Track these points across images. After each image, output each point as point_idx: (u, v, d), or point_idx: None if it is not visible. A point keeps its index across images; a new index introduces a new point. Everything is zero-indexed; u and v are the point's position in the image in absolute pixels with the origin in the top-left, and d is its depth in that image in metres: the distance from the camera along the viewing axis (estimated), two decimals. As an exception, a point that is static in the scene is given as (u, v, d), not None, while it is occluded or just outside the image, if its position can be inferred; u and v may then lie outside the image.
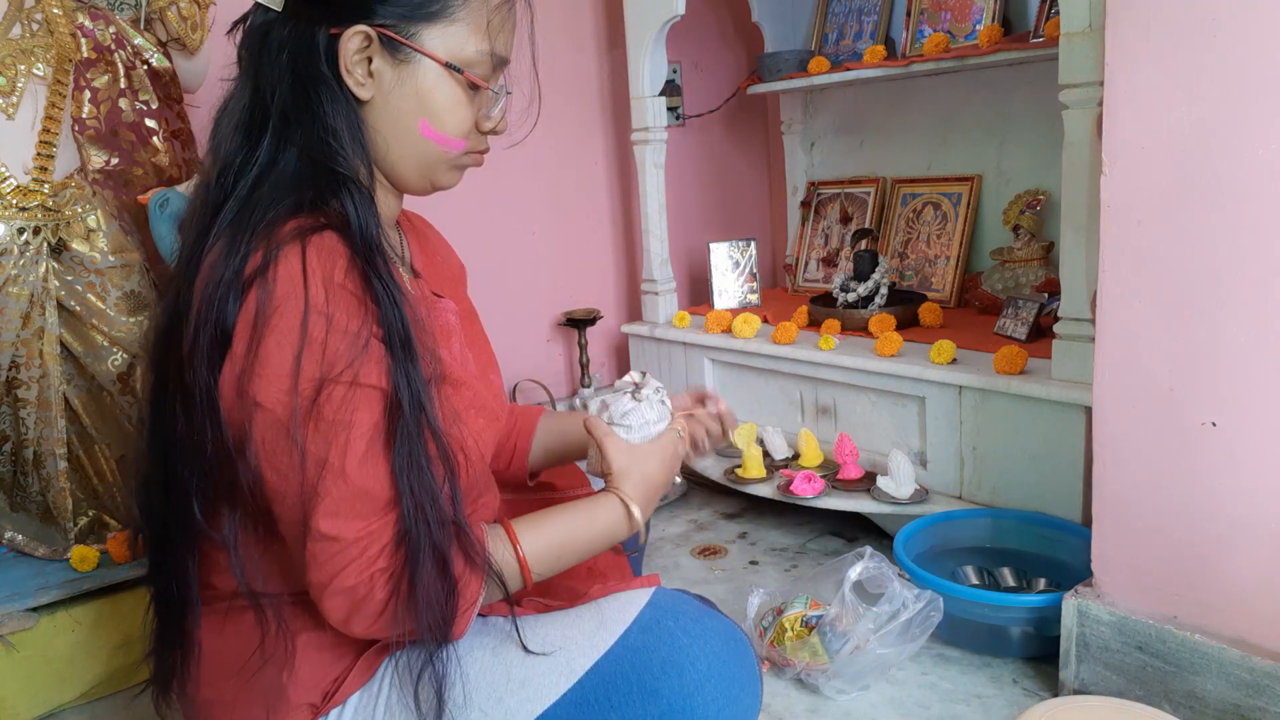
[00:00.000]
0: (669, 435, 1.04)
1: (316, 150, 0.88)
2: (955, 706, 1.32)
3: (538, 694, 0.86)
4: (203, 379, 0.82)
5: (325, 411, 0.80)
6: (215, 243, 0.86)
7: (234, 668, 0.91)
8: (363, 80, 0.90)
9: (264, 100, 0.89)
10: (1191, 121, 1.09)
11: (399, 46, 0.90)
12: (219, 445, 0.83)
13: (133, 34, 1.62)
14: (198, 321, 0.82)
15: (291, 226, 0.84)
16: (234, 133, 0.90)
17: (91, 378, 1.52)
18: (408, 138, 0.93)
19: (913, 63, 2.06)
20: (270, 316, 0.80)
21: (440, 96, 0.92)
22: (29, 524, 1.56)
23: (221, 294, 0.81)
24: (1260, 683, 1.11)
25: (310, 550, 0.81)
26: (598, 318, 2.47)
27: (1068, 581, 1.36)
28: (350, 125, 0.90)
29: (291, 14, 0.90)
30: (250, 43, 0.92)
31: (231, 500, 0.86)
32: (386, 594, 0.82)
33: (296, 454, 0.80)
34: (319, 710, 0.89)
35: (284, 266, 0.81)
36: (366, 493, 0.81)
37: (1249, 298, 1.08)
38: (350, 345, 0.81)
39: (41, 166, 1.49)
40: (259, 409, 0.80)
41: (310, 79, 0.89)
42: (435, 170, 0.97)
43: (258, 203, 0.86)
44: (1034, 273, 2.00)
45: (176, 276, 0.90)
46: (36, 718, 1.43)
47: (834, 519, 1.94)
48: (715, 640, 0.89)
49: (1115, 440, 1.22)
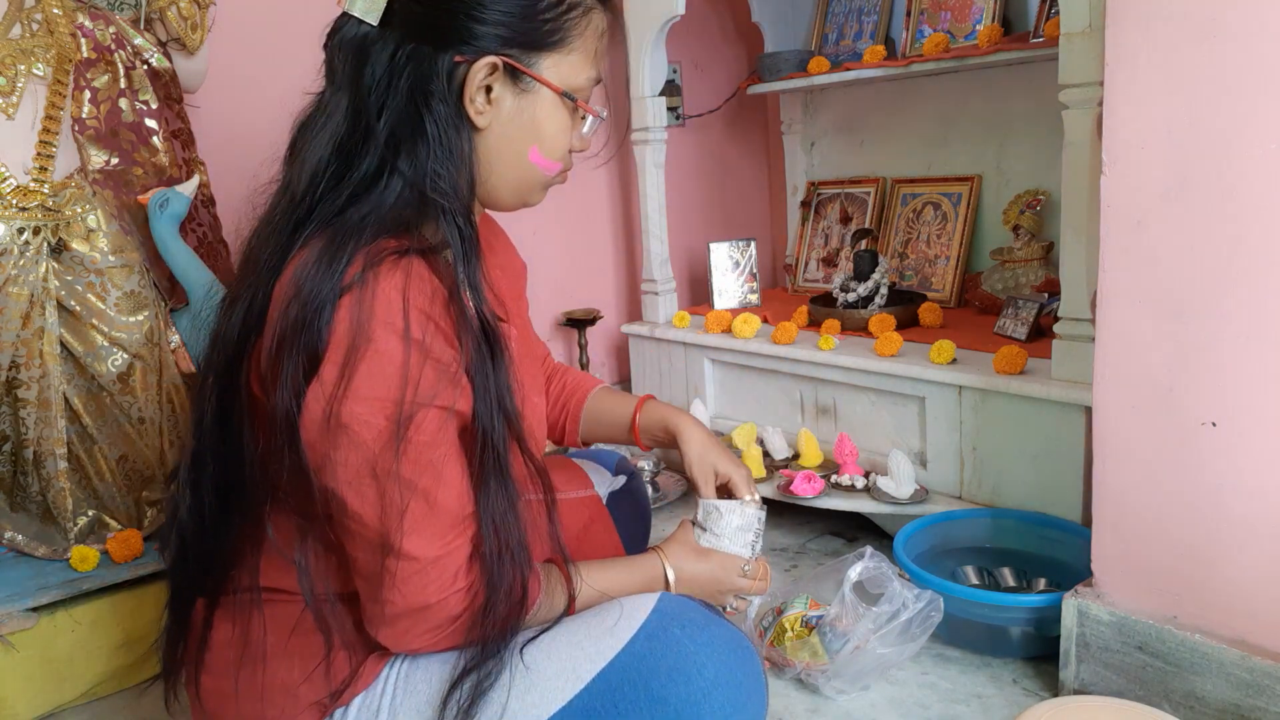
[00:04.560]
0: (734, 561, 1.07)
1: (425, 174, 0.87)
2: (955, 706, 1.32)
3: (543, 700, 0.87)
4: (285, 403, 0.81)
5: (415, 438, 0.81)
6: (298, 254, 0.85)
7: (247, 660, 0.91)
8: (483, 109, 0.90)
9: (367, 118, 0.88)
10: (1191, 121, 1.09)
11: (520, 76, 0.91)
12: (295, 465, 0.83)
13: (133, 34, 1.62)
14: (281, 342, 0.81)
15: (392, 247, 0.83)
16: (325, 146, 0.89)
17: (91, 378, 1.52)
18: (515, 163, 0.95)
19: (913, 63, 2.06)
20: (366, 342, 0.80)
21: (553, 124, 0.94)
22: (29, 524, 1.56)
23: (311, 314, 0.80)
24: (1260, 683, 1.11)
25: (389, 567, 0.82)
26: (598, 318, 2.47)
27: (1068, 581, 1.36)
28: (464, 151, 0.90)
29: (408, 36, 0.88)
30: (348, 56, 0.90)
31: (304, 514, 0.87)
32: (460, 610, 0.85)
33: (383, 478, 0.81)
34: (326, 710, 0.90)
35: (382, 290, 0.81)
36: (450, 514, 0.84)
37: (1249, 298, 1.08)
38: (440, 374, 0.82)
39: (41, 166, 1.49)
40: (346, 432, 0.81)
41: (429, 104, 0.88)
42: (532, 192, 0.99)
43: (353, 219, 0.85)
44: (1034, 273, 2.00)
45: (250, 285, 0.89)
46: (36, 718, 1.43)
47: (834, 519, 1.94)
48: (722, 647, 0.89)
49: (1115, 440, 1.22)
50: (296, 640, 0.91)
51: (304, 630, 0.90)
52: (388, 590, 0.83)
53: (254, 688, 0.91)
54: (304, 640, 0.90)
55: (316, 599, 0.88)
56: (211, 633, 0.94)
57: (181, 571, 0.96)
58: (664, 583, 1.02)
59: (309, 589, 0.87)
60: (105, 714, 1.45)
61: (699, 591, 1.05)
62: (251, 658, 0.91)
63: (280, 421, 0.82)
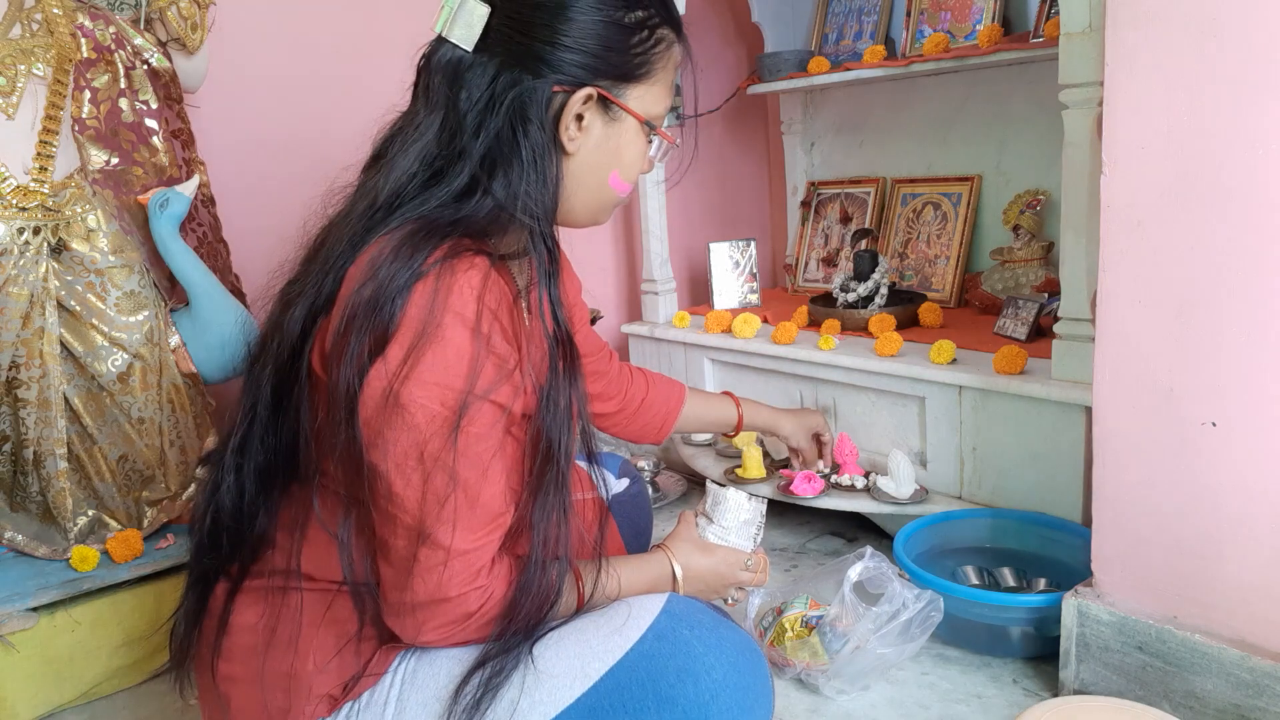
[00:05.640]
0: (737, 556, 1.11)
1: (517, 195, 0.91)
2: (955, 706, 1.32)
3: (551, 697, 0.87)
4: (348, 378, 0.83)
5: (469, 429, 0.84)
6: (374, 244, 0.87)
7: (274, 646, 0.92)
8: (575, 135, 0.94)
9: (462, 137, 0.91)
10: (1191, 121, 1.09)
11: (611, 106, 0.95)
12: (349, 440, 0.85)
13: (133, 34, 1.62)
14: (351, 320, 0.83)
15: (471, 246, 0.87)
16: (414, 161, 0.92)
17: (91, 378, 1.52)
18: (597, 186, 0.99)
19: (913, 63, 2.06)
20: (436, 328, 0.82)
21: (633, 150, 0.98)
22: (29, 524, 1.56)
23: (385, 297, 0.82)
24: (1260, 683, 1.11)
25: (420, 555, 0.84)
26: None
27: (1068, 581, 1.36)
28: (553, 175, 0.93)
29: (506, 63, 0.91)
30: (443, 78, 0.93)
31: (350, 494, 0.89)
32: (475, 608, 0.87)
33: (429, 464, 0.83)
34: (336, 702, 0.91)
35: (458, 283, 0.83)
36: (488, 511, 0.86)
37: (1249, 298, 1.08)
38: (500, 371, 0.85)
39: (41, 166, 1.49)
40: (403, 413, 0.82)
41: (527, 129, 0.91)
42: (604, 212, 1.03)
43: (440, 220, 0.88)
44: (1034, 273, 2.00)
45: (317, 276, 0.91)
46: (37, 718, 1.43)
47: (834, 519, 1.94)
48: (731, 649, 0.90)
49: (1115, 440, 1.22)
50: (324, 631, 0.92)
51: (330, 620, 0.92)
52: (413, 578, 0.85)
53: (274, 675, 0.91)
54: (329, 631, 0.92)
55: (356, 579, 0.89)
56: (233, 617, 0.95)
57: (210, 554, 0.97)
58: (671, 579, 1.04)
59: (349, 564, 0.89)
60: (105, 714, 1.45)
61: (704, 585, 1.08)
62: (278, 643, 0.92)
63: (340, 396, 0.84)
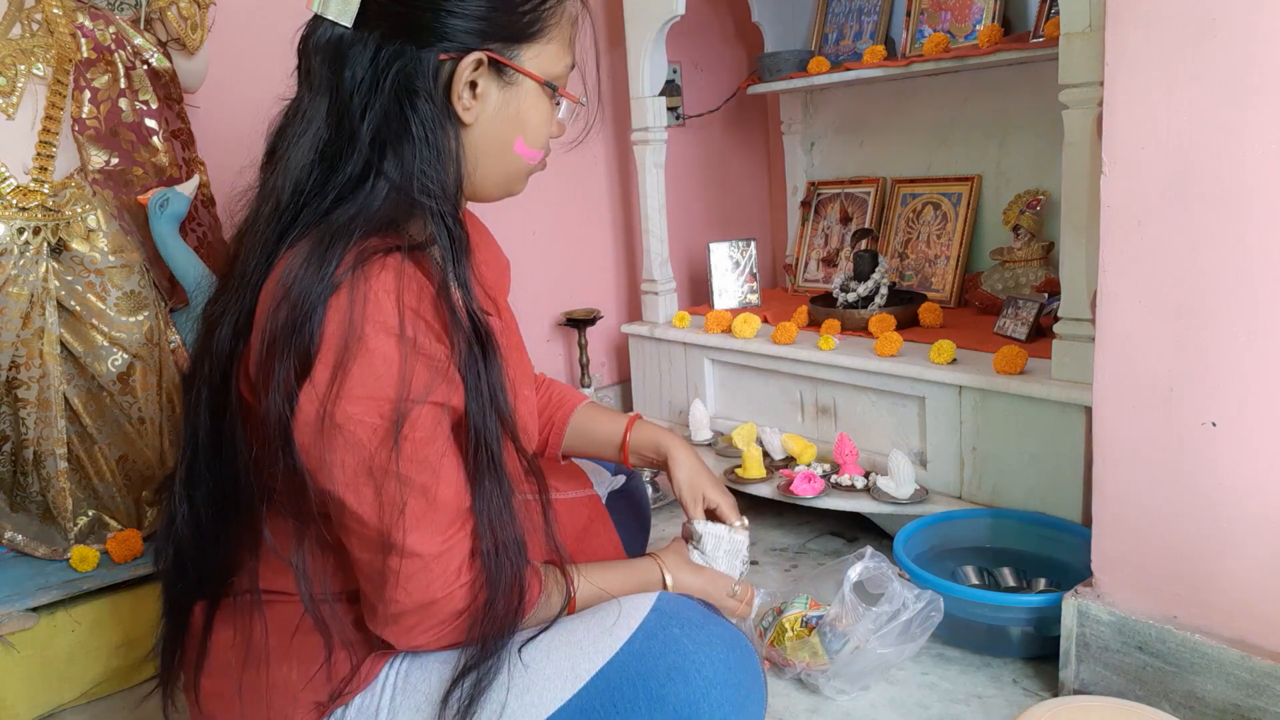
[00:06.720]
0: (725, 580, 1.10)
1: (412, 175, 0.87)
2: (955, 706, 1.32)
3: (542, 699, 0.86)
4: (278, 406, 0.81)
5: (411, 435, 0.82)
6: (284, 258, 0.84)
7: (250, 662, 0.91)
8: (469, 104, 0.91)
9: (350, 121, 0.87)
10: (1191, 121, 1.09)
11: (505, 69, 0.91)
12: (290, 468, 0.82)
13: (133, 34, 1.62)
14: (271, 346, 0.81)
15: (379, 245, 0.83)
16: (308, 152, 0.88)
17: (91, 378, 1.52)
18: (501, 155, 0.95)
19: (913, 63, 2.06)
20: (357, 341, 0.79)
21: (536, 114, 0.95)
22: (29, 524, 1.56)
23: (301, 317, 0.79)
24: (1260, 683, 1.11)
25: (392, 566, 0.83)
26: (598, 318, 2.47)
27: (1068, 581, 1.36)
28: (451, 149, 0.90)
29: (388, 35, 0.87)
30: (324, 59, 0.89)
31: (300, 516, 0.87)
32: (464, 604, 0.85)
33: (380, 477, 0.81)
34: (325, 710, 0.90)
35: (373, 289, 0.80)
36: (449, 509, 0.84)
37: (1249, 298, 1.08)
38: (433, 371, 0.82)
39: (41, 166, 1.49)
40: (341, 432, 0.80)
41: (415, 103, 0.87)
42: (515, 182, 0.99)
43: (339, 221, 0.84)
44: (1034, 273, 2.00)
45: (237, 293, 0.88)
46: (37, 718, 1.43)
47: (834, 519, 1.94)
48: (721, 646, 0.89)
49: (1115, 440, 1.22)
50: (298, 641, 0.91)
51: (305, 630, 0.90)
52: (391, 589, 0.83)
53: (255, 689, 0.91)
54: (305, 641, 0.90)
55: (315, 601, 0.88)
56: (212, 636, 0.94)
57: (178, 580, 0.96)
58: (662, 587, 1.03)
59: (307, 592, 0.87)
60: (105, 714, 1.45)
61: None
62: (254, 659, 0.91)
63: (273, 425, 0.81)
